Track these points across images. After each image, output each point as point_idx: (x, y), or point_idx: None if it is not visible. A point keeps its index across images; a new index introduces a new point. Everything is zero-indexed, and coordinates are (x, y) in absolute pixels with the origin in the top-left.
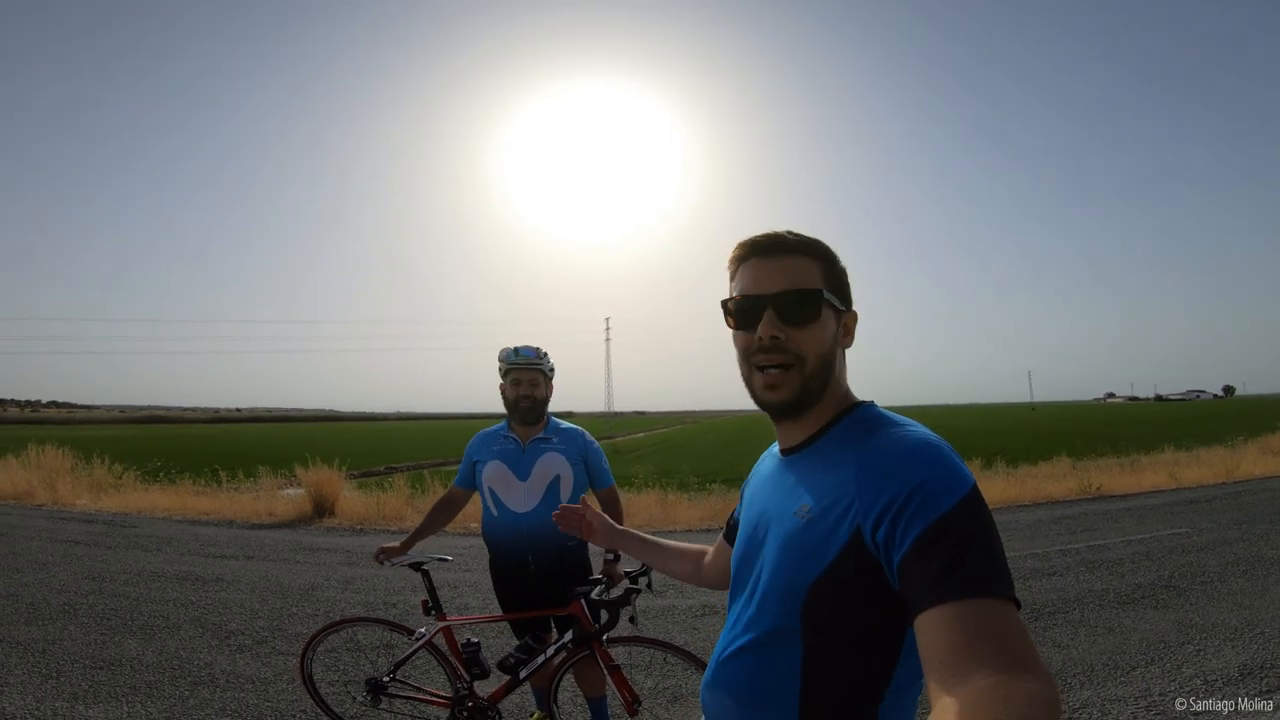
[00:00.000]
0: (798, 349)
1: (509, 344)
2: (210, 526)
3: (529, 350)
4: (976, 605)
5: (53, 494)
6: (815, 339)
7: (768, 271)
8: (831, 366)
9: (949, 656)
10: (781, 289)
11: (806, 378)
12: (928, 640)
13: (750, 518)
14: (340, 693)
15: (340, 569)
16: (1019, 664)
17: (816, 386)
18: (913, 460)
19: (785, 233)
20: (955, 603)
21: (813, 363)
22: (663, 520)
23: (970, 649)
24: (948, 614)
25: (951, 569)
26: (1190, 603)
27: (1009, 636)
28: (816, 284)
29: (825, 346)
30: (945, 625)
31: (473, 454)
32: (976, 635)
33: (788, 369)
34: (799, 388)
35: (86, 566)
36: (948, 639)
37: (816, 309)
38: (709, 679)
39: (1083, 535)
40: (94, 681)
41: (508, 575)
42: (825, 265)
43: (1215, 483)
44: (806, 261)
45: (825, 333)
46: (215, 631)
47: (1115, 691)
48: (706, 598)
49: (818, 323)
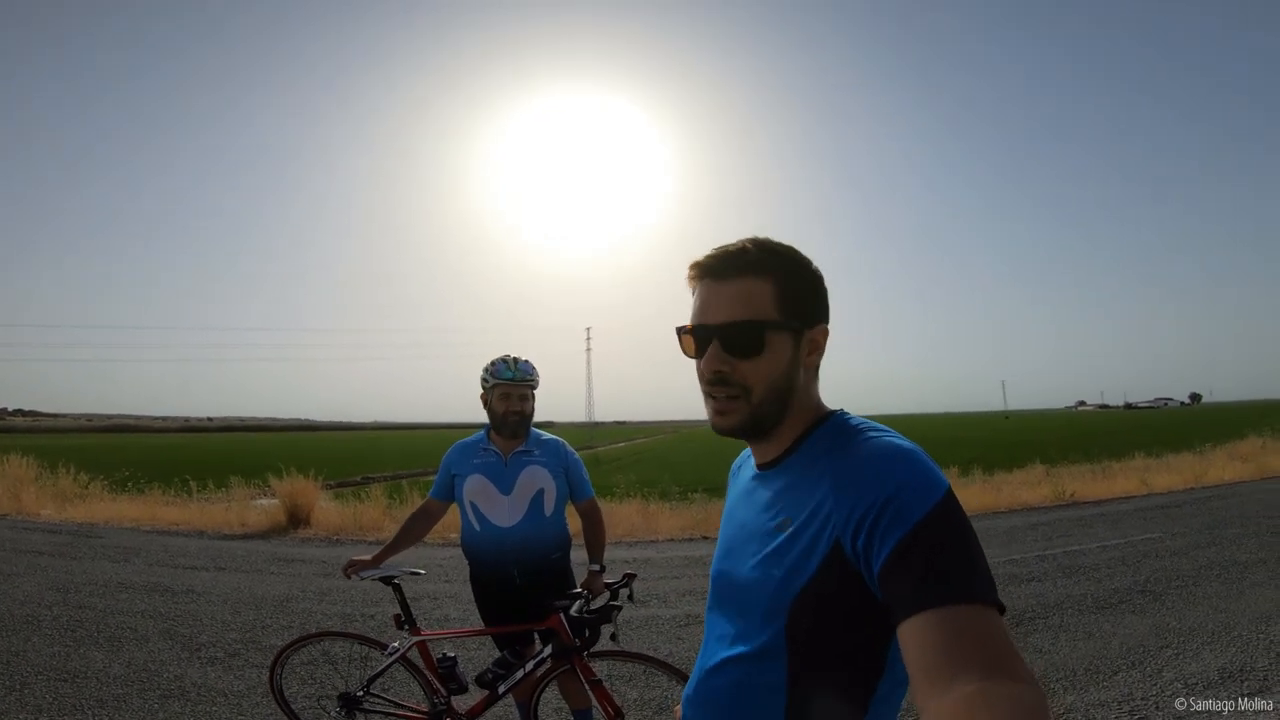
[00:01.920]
0: (743, 380)
1: (498, 355)
2: (180, 537)
3: (525, 365)
4: (957, 611)
5: (16, 504)
6: (763, 370)
7: (715, 298)
8: (786, 391)
9: (932, 664)
10: (725, 320)
11: (755, 406)
12: (910, 648)
13: (729, 532)
14: (314, 707)
15: (316, 580)
16: (1002, 669)
17: (769, 413)
18: (886, 468)
19: (745, 245)
20: (935, 609)
21: (760, 393)
22: (645, 530)
23: (952, 656)
24: (928, 621)
25: (929, 575)
26: (1167, 607)
27: (991, 641)
28: (764, 312)
29: (777, 374)
30: (927, 632)
31: (451, 466)
32: (958, 641)
33: (734, 399)
34: (747, 416)
35: (51, 577)
36: (930, 646)
37: (760, 341)
38: (690, 694)
39: (1059, 541)
40: (59, 694)
41: (491, 589)
42: (781, 284)
43: (1185, 488)
44: (758, 285)
45: (775, 362)
46: (186, 644)
47: (1098, 696)
48: (689, 607)
49: (763, 354)
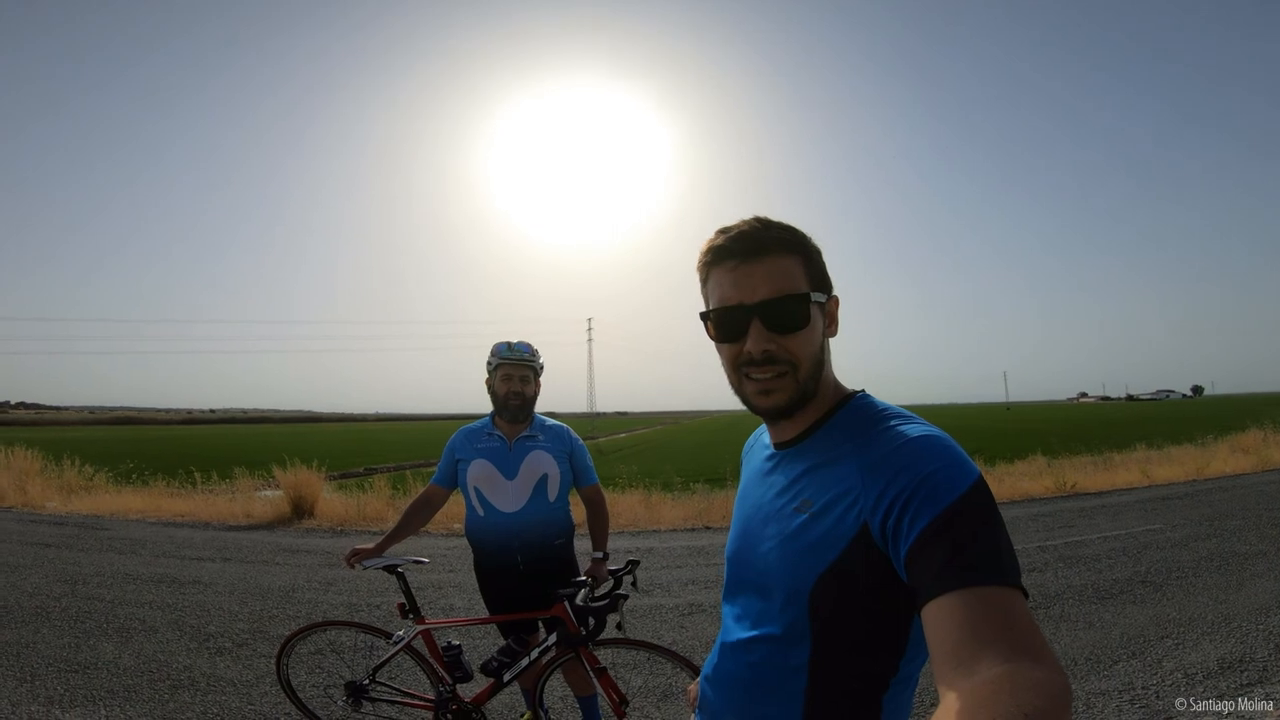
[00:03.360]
0: (790, 356)
1: (501, 340)
2: (185, 528)
3: (523, 346)
4: (983, 593)
5: (23, 496)
6: (807, 342)
7: (748, 278)
8: (821, 364)
9: (956, 645)
10: (766, 297)
11: (802, 381)
12: (935, 629)
13: (744, 514)
14: (321, 696)
15: (321, 570)
16: (1027, 652)
17: (812, 387)
18: (919, 453)
19: (758, 225)
20: (962, 591)
21: (806, 366)
22: (647, 520)
23: (977, 638)
24: (954, 602)
25: (958, 557)
26: (1167, 598)
27: (1017, 625)
28: (803, 286)
29: (815, 347)
30: (952, 614)
31: (455, 451)
32: (984, 623)
33: (782, 376)
34: (795, 392)
35: (59, 569)
36: (955, 628)
37: (806, 314)
38: (709, 672)
39: (1060, 532)
40: (70, 685)
41: (495, 576)
42: (806, 257)
43: (1186, 480)
44: (788, 261)
45: (814, 334)
46: (194, 634)
47: (1099, 685)
48: (693, 596)
49: (806, 328)
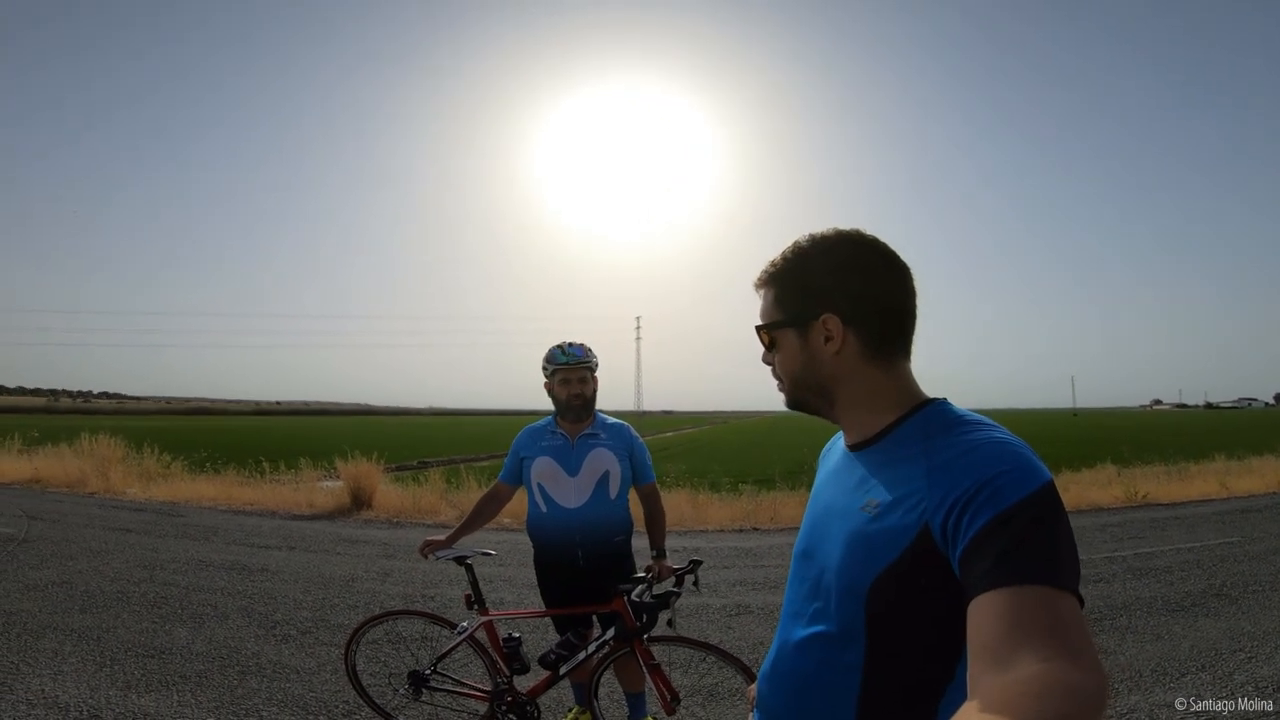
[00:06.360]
0: (779, 372)
1: (554, 343)
2: (254, 517)
3: (577, 349)
4: (1032, 591)
5: (105, 482)
6: (784, 361)
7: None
8: (813, 379)
9: (994, 641)
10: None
11: (789, 391)
12: (976, 624)
13: (815, 510)
14: (382, 684)
15: (379, 561)
16: (1067, 653)
17: (804, 396)
18: (989, 457)
19: (773, 260)
20: (1008, 588)
21: (788, 381)
22: (694, 520)
23: (1017, 635)
24: (999, 598)
25: (1011, 554)
26: (1242, 611)
27: (1062, 625)
28: (771, 316)
29: (794, 365)
30: (995, 609)
31: (520, 450)
32: (1026, 621)
33: (780, 383)
34: (789, 398)
35: (138, 554)
36: (995, 624)
37: (770, 340)
38: (767, 669)
39: (1129, 543)
40: (146, 670)
41: (555, 571)
42: (777, 288)
43: (1268, 492)
44: (766, 293)
45: (789, 355)
46: (261, 621)
47: (1163, 697)
48: (741, 597)
49: (777, 350)
